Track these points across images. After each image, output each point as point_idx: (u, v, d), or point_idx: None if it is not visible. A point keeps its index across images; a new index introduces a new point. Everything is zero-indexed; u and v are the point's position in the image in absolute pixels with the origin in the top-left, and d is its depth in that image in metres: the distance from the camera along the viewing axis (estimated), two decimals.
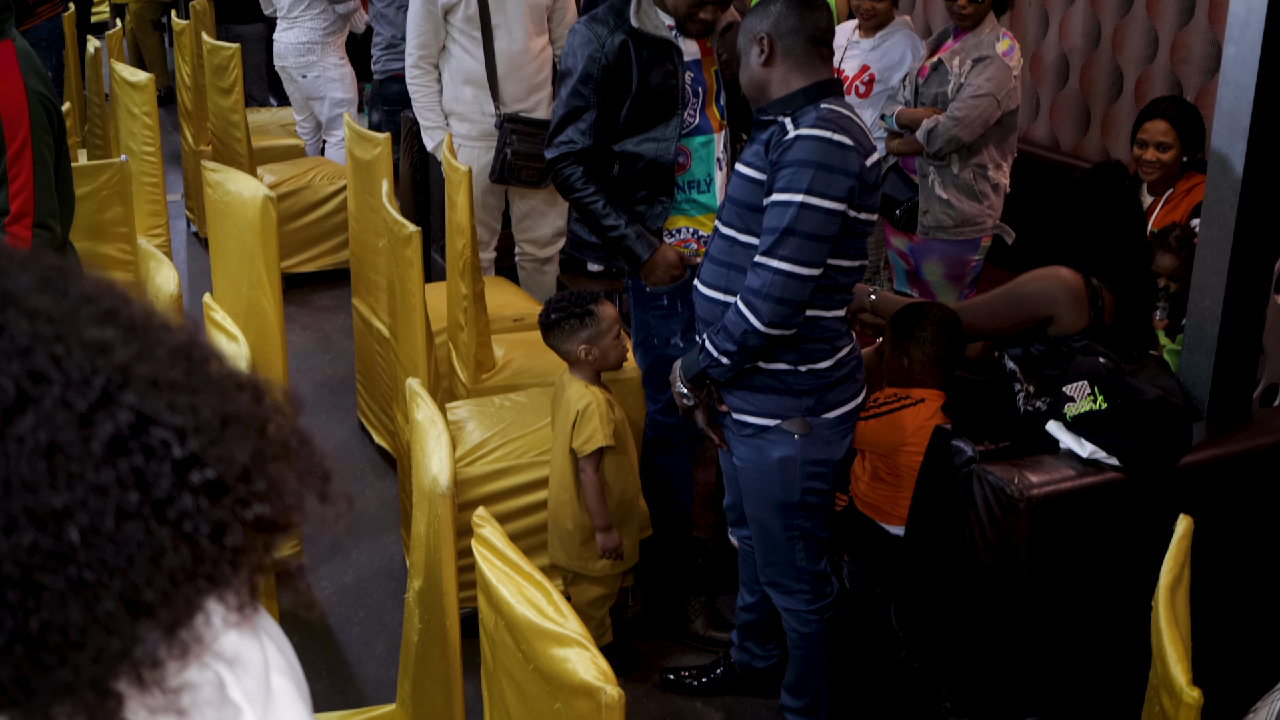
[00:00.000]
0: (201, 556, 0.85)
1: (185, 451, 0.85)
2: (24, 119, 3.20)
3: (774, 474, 3.04)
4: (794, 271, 2.80)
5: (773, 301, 2.82)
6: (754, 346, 2.89)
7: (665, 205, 3.59)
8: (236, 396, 0.91)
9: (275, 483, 0.89)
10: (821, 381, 2.97)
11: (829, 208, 2.78)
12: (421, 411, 2.46)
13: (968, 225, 4.73)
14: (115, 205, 4.56)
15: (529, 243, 5.41)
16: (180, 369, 0.88)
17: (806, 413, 2.98)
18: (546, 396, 3.97)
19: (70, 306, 0.86)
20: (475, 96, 5.20)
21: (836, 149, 2.79)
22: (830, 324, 2.96)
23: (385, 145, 4.48)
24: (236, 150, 6.69)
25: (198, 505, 0.84)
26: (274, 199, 3.84)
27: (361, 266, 4.85)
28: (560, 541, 3.55)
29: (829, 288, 2.90)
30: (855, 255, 2.93)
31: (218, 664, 0.89)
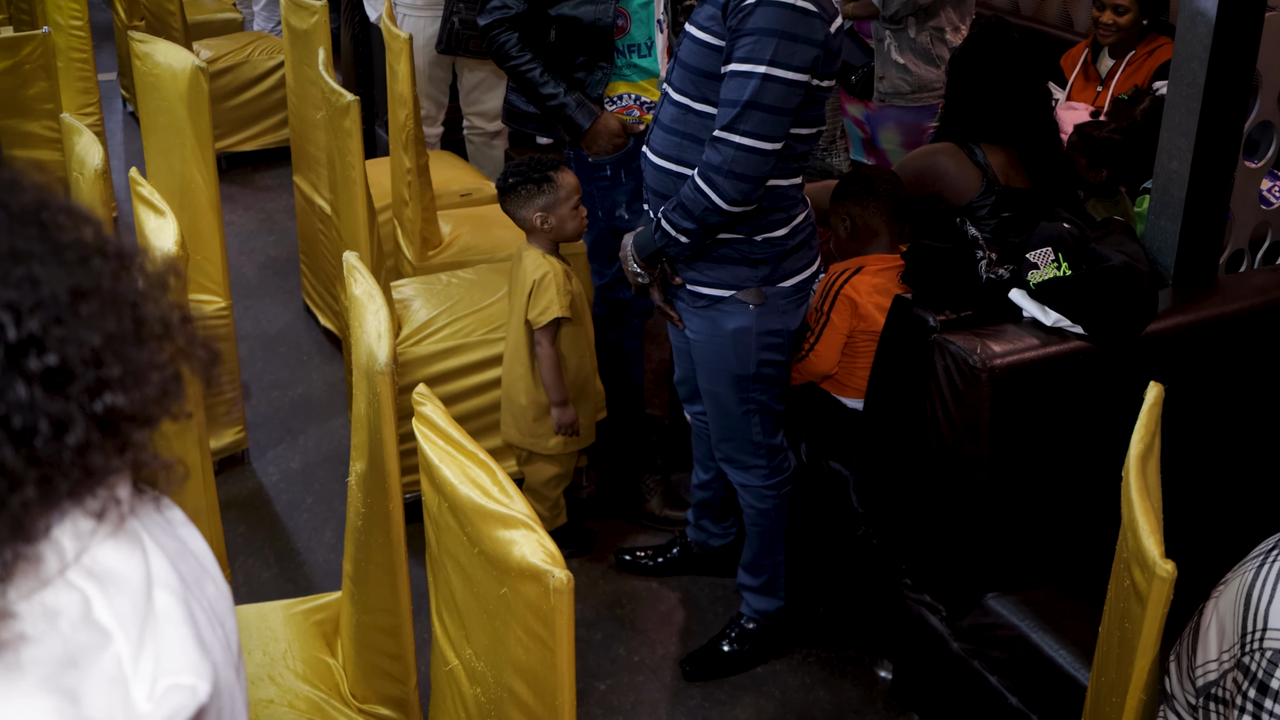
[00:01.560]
0: (38, 457, 0.72)
1: (22, 333, 0.72)
2: None
3: (729, 345, 2.95)
4: (757, 146, 2.68)
5: (734, 178, 2.70)
6: (715, 224, 2.79)
7: (605, 71, 3.44)
8: (97, 267, 0.77)
9: (135, 368, 0.77)
10: (777, 250, 2.88)
11: (792, 79, 2.65)
12: (359, 286, 2.34)
13: (925, 91, 4.60)
14: (39, 80, 4.36)
15: (477, 116, 5.25)
16: (27, 235, 0.75)
17: (762, 282, 2.90)
18: (495, 273, 3.85)
19: None
20: None
21: (800, 15, 2.64)
22: (787, 191, 2.86)
23: (322, 13, 4.29)
24: (170, 24, 6.43)
25: (32, 396, 0.72)
26: (205, 69, 3.67)
27: (301, 142, 4.68)
28: (513, 418, 3.45)
29: (787, 156, 2.79)
30: (813, 122, 2.82)
31: (85, 582, 0.77)
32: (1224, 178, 3.12)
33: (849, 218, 3.34)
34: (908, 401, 2.94)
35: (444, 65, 5.18)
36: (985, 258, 2.98)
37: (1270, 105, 3.22)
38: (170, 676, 0.77)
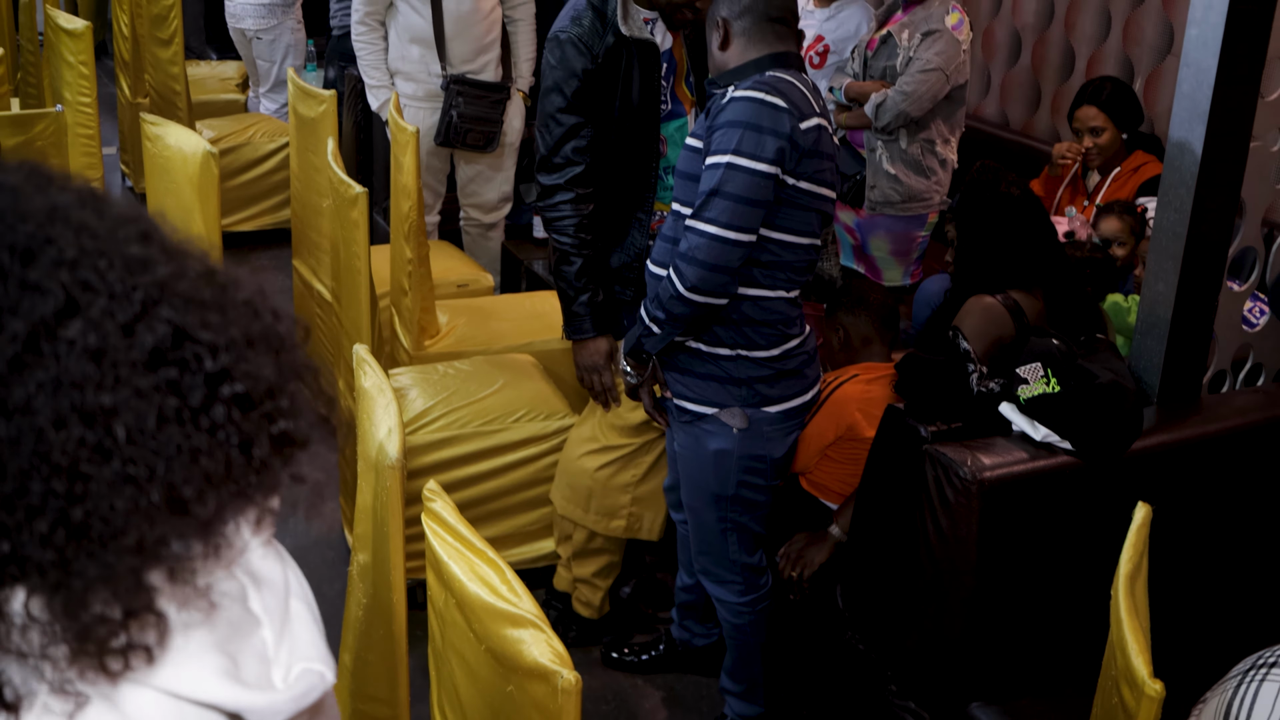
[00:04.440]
0: (233, 464, 0.89)
1: (217, 366, 0.88)
2: None
3: (709, 465, 2.98)
4: (720, 235, 2.71)
5: (697, 265, 2.73)
6: (680, 315, 2.81)
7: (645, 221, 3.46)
8: (258, 319, 0.94)
9: (295, 402, 0.93)
10: (763, 371, 2.90)
11: (756, 169, 2.69)
12: (369, 379, 2.40)
13: (915, 201, 4.70)
14: (50, 157, 4.42)
15: (474, 207, 5.33)
16: (209, 291, 0.92)
17: (745, 404, 2.92)
18: (492, 365, 3.91)
19: (110, 225, 0.90)
20: (422, 56, 5.11)
21: (768, 109, 2.70)
22: (775, 306, 2.88)
23: (330, 103, 4.38)
24: (175, 104, 6.53)
25: (229, 416, 0.88)
26: (215, 155, 3.75)
27: (303, 227, 4.75)
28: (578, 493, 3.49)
29: (772, 264, 2.83)
30: (802, 231, 2.84)
31: (244, 577, 0.93)
32: (1209, 300, 3.21)
33: (842, 327, 3.43)
34: (897, 509, 2.99)
35: (442, 156, 5.27)
36: (976, 371, 3.05)
37: (1253, 231, 3.32)
38: (303, 662, 0.93)
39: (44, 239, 0.85)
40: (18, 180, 0.90)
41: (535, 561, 3.77)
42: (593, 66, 3.28)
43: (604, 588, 3.63)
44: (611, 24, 3.31)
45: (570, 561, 3.61)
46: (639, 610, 3.79)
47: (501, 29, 5.22)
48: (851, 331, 3.44)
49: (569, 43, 3.29)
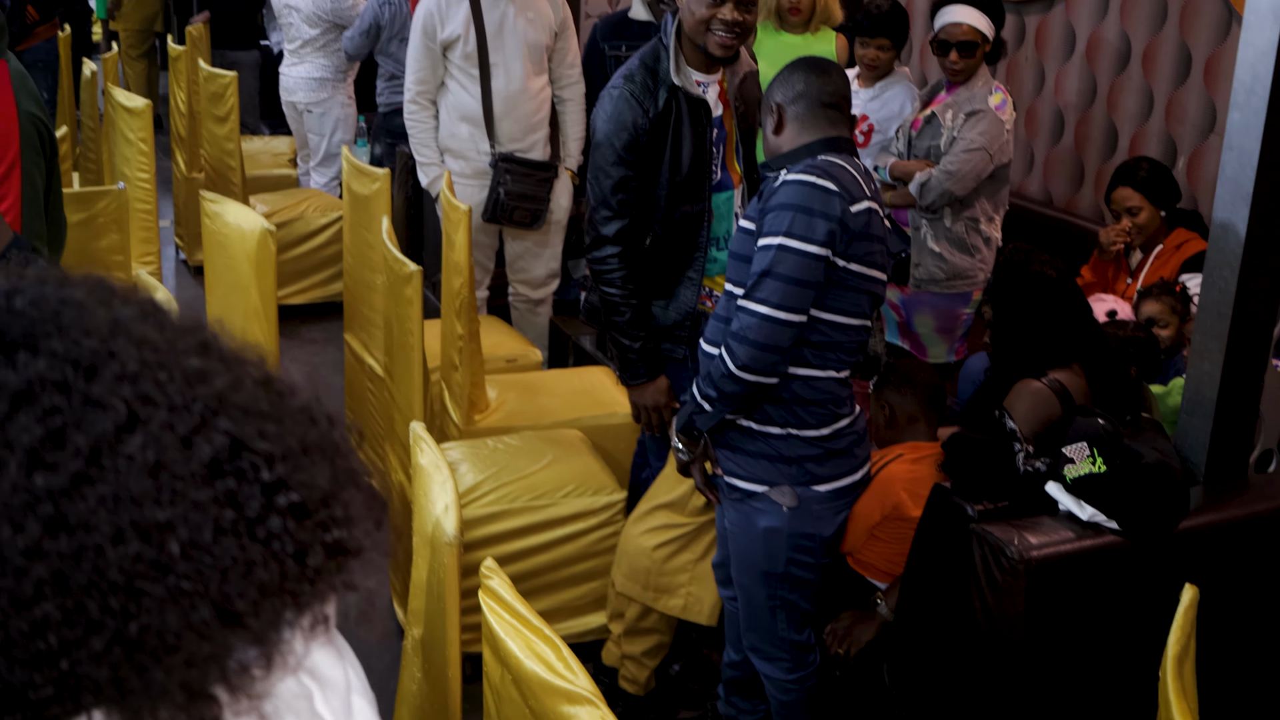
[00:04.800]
0: (287, 574, 0.90)
1: (273, 476, 0.89)
2: (14, 140, 3.21)
3: (759, 543, 3.01)
4: (770, 315, 2.77)
5: (747, 344, 2.79)
6: (731, 393, 2.86)
7: (695, 279, 3.55)
8: (314, 427, 0.96)
9: (349, 509, 0.94)
10: (814, 450, 2.94)
11: (807, 250, 2.76)
12: (425, 456, 2.45)
13: (959, 279, 4.75)
14: (112, 233, 4.55)
15: (522, 283, 5.41)
16: (266, 400, 0.93)
17: (796, 482, 2.95)
18: (541, 440, 3.96)
19: (171, 337, 0.91)
20: (471, 134, 5.21)
21: (819, 193, 2.77)
22: (826, 386, 2.92)
23: (384, 181, 4.47)
24: (230, 179, 6.67)
25: (284, 526, 0.89)
26: (273, 232, 3.83)
27: (355, 302, 4.84)
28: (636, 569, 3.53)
29: (822, 344, 2.88)
30: (852, 313, 2.89)
31: (309, 680, 0.95)
32: (1254, 379, 3.22)
33: (888, 405, 3.46)
34: (944, 588, 3.01)
35: (490, 233, 5.35)
36: (1023, 450, 3.07)
37: None
38: None
39: (107, 353, 0.87)
40: (83, 295, 0.91)
41: (583, 636, 3.79)
42: (644, 121, 3.40)
43: (651, 666, 3.65)
44: (664, 81, 3.44)
45: (620, 638, 3.64)
46: (686, 686, 3.80)
47: (550, 108, 5.32)
48: (897, 410, 3.48)
49: (621, 97, 3.42)
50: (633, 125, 3.40)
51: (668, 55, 3.47)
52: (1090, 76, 5.62)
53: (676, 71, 3.44)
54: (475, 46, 5.12)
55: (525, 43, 5.14)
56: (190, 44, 7.94)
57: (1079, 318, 3.39)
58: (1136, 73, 5.40)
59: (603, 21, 5.63)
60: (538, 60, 5.21)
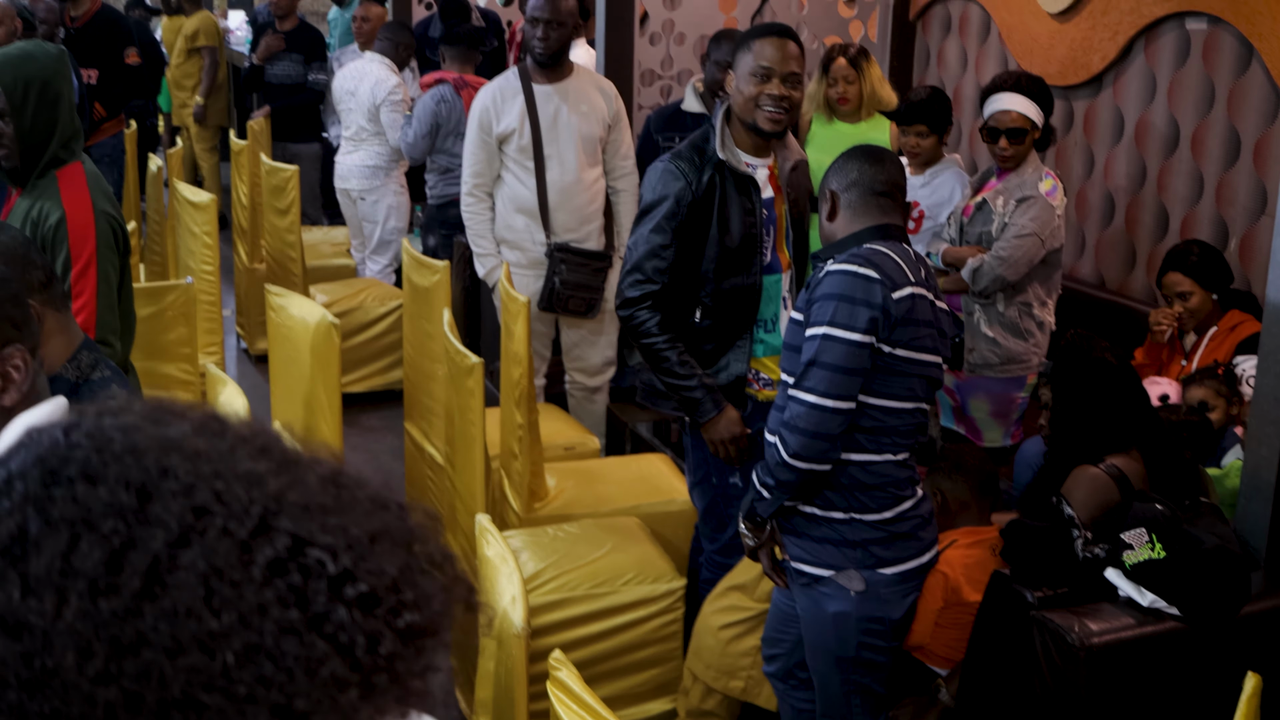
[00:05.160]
0: (359, 665, 0.89)
1: (339, 568, 0.89)
2: (90, 238, 3.33)
3: (830, 628, 3.03)
4: (818, 403, 2.83)
5: (798, 433, 2.85)
6: (786, 481, 2.91)
7: (745, 346, 3.62)
8: (382, 515, 0.96)
9: (423, 592, 0.94)
10: (877, 534, 2.97)
11: (850, 339, 2.82)
12: (491, 548, 2.50)
13: (1013, 363, 4.77)
14: (179, 326, 4.66)
15: (579, 371, 5.48)
16: (329, 494, 0.94)
17: (861, 566, 2.98)
18: (600, 529, 4.00)
19: (227, 446, 0.92)
20: (527, 225, 5.30)
21: (861, 281, 2.84)
22: (884, 470, 2.96)
23: (444, 273, 4.56)
24: (291, 269, 6.81)
25: (352, 617, 0.89)
26: (337, 325, 3.91)
27: (415, 391, 4.92)
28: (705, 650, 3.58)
29: (876, 429, 2.92)
30: (904, 397, 2.94)
31: None
32: None
33: (939, 492, 3.49)
34: (1005, 674, 3.01)
35: (547, 321, 5.43)
36: (1081, 536, 3.09)
37: None
38: None
39: (160, 471, 0.88)
40: (138, 420, 0.92)
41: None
42: (687, 194, 3.54)
43: None
44: (711, 159, 3.58)
45: (685, 718, 3.67)
46: None
47: (605, 198, 5.41)
48: (949, 496, 3.51)
49: (667, 170, 3.58)
50: (675, 196, 3.55)
51: (715, 134, 3.58)
52: (1139, 160, 5.67)
53: (723, 146, 3.57)
54: (530, 140, 5.23)
55: (579, 135, 5.24)
56: (252, 138, 8.14)
57: (1137, 403, 3.42)
58: (1186, 155, 5.44)
59: (656, 113, 5.74)
60: (592, 152, 5.31)
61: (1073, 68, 5.83)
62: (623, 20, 5.98)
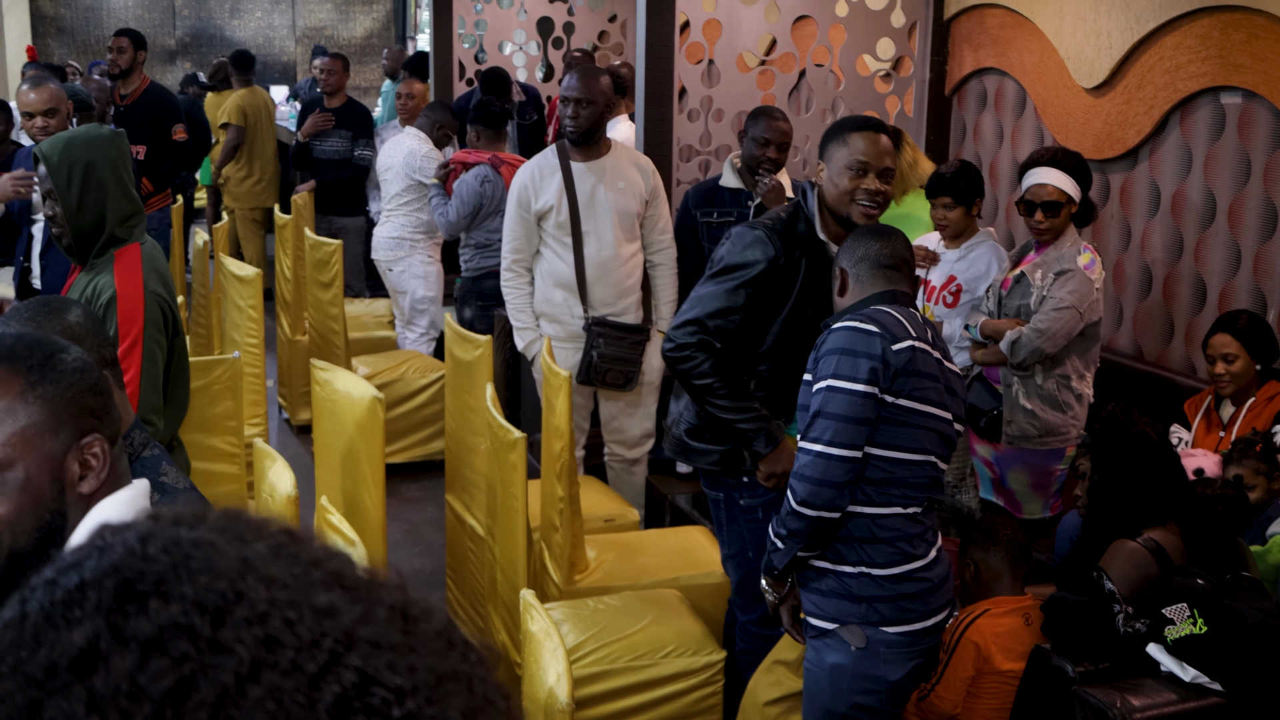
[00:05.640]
0: None
1: (404, 711, 0.87)
2: (139, 318, 3.41)
3: (825, 679, 3.08)
4: (824, 451, 2.93)
5: (806, 481, 2.94)
6: (796, 529, 2.99)
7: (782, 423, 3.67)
8: (448, 654, 0.94)
9: None
10: (882, 590, 3.00)
11: (853, 389, 2.92)
12: (536, 623, 2.53)
13: (1052, 435, 4.78)
14: (225, 399, 4.73)
15: (618, 443, 5.51)
16: (398, 628, 0.92)
17: (864, 622, 3.01)
18: (640, 601, 4.02)
19: (301, 571, 0.90)
20: (565, 299, 5.37)
21: (861, 335, 2.96)
22: (893, 524, 3.00)
23: (486, 348, 4.62)
24: (333, 342, 6.89)
25: None
26: (382, 400, 3.97)
27: (457, 463, 4.97)
28: None
29: (884, 481, 2.98)
30: (911, 448, 2.99)
31: None
32: None
33: (973, 563, 3.51)
34: None
35: (585, 393, 5.48)
36: (1122, 611, 3.09)
37: None
38: None
39: (235, 595, 0.86)
40: (215, 535, 0.91)
41: None
42: (773, 268, 3.55)
43: None
44: (798, 238, 3.58)
45: None
46: None
47: (643, 273, 5.48)
48: (982, 567, 3.53)
49: (759, 238, 3.59)
50: (763, 264, 3.55)
51: (814, 217, 3.60)
52: (1176, 232, 5.69)
53: (821, 226, 3.58)
54: (568, 216, 5.31)
55: (616, 211, 5.32)
56: (296, 212, 8.27)
57: (1175, 477, 3.43)
58: (1223, 228, 5.46)
59: (694, 189, 5.82)
60: (629, 227, 5.38)
61: (1108, 141, 5.88)
62: (662, 97, 6.07)
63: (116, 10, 17.69)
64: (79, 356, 1.84)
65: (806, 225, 3.59)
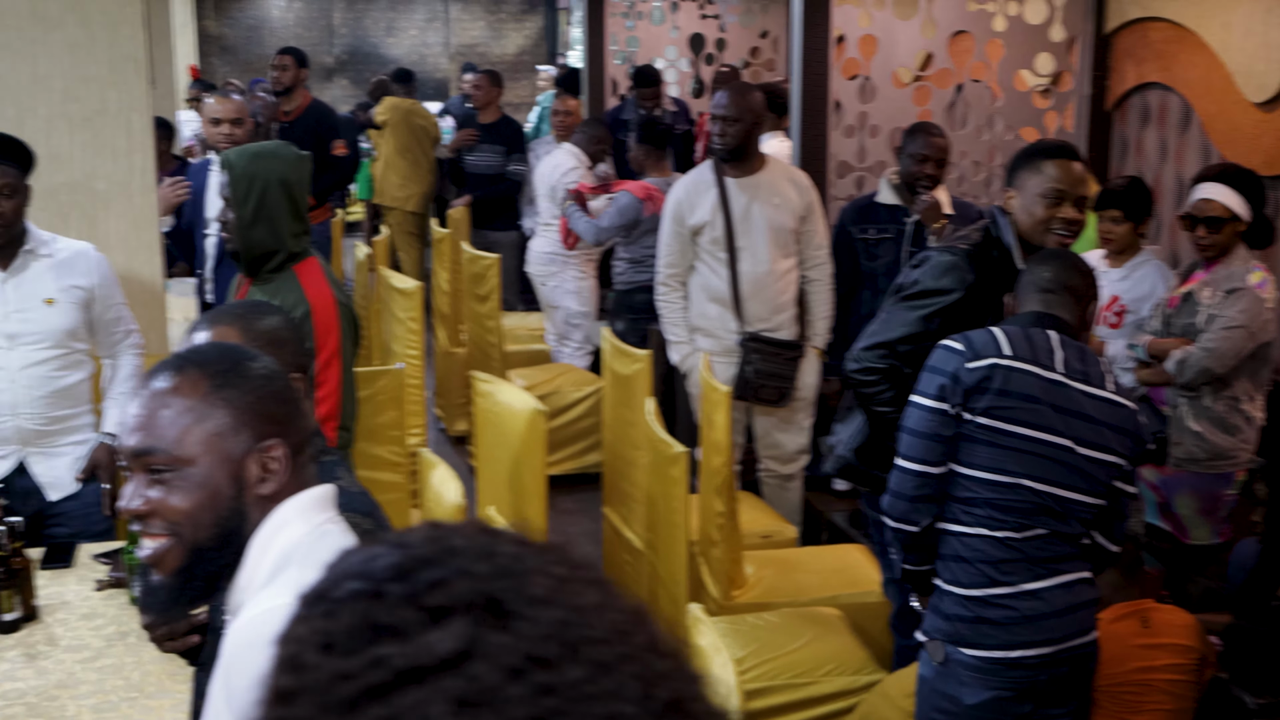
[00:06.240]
0: None
1: None
2: (335, 330, 3.49)
3: (918, 689, 3.10)
4: (899, 464, 2.97)
5: (892, 495, 3.00)
6: (890, 542, 3.07)
7: None
8: None
9: None
10: (964, 611, 2.96)
11: (923, 404, 2.95)
12: (705, 638, 2.56)
13: (1221, 458, 4.66)
14: (389, 410, 4.84)
15: (772, 458, 5.52)
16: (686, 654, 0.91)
17: (947, 639, 2.98)
18: (799, 618, 4.03)
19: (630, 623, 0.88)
20: (720, 314, 5.40)
21: (943, 351, 2.97)
22: (978, 545, 2.94)
23: (646, 362, 4.66)
24: (490, 354, 7.00)
25: None
26: (544, 413, 4.03)
27: (614, 477, 5.02)
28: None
29: (969, 500, 2.94)
30: (997, 469, 2.91)
31: None
32: None
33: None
34: None
35: (739, 408, 5.48)
36: None
37: None
38: None
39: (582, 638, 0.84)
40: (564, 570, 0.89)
41: None
42: (966, 292, 3.52)
43: None
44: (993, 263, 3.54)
45: None
46: None
47: (798, 288, 5.47)
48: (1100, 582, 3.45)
49: (954, 265, 3.55)
50: (958, 289, 3.52)
51: (998, 243, 3.56)
52: None
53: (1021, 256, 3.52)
54: (723, 232, 5.34)
55: (771, 227, 5.33)
56: (452, 226, 8.43)
57: None
58: None
59: (850, 205, 5.80)
60: (784, 243, 5.38)
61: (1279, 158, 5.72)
62: (817, 114, 6.07)
63: (277, 29, 18.24)
64: (266, 365, 1.92)
65: (1000, 252, 3.55)
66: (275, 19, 18.53)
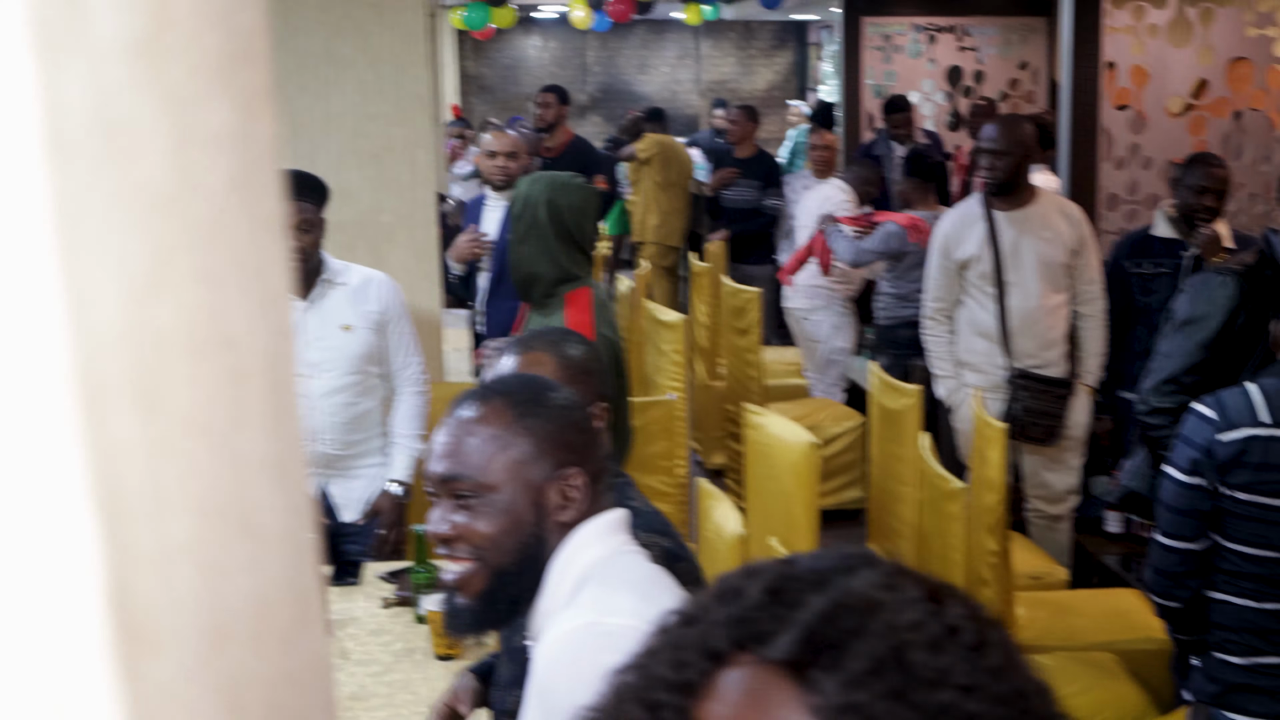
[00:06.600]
0: None
1: None
2: None
3: None
4: (1157, 539, 2.87)
5: (1151, 569, 2.90)
6: (1162, 617, 2.98)
7: None
8: None
9: None
10: (1229, 677, 2.86)
11: (1177, 478, 2.80)
12: None
13: None
14: (660, 440, 4.94)
15: (1040, 498, 5.42)
16: None
17: (1212, 701, 2.88)
18: (1075, 662, 3.94)
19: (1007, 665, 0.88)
20: (987, 349, 5.33)
21: (1195, 419, 2.81)
22: (1245, 615, 2.83)
23: (916, 397, 4.65)
24: (750, 388, 7.06)
25: None
26: (818, 446, 4.05)
27: (881, 512, 5.01)
28: None
29: (1233, 573, 2.82)
30: (1259, 543, 2.78)
31: None
32: None
33: None
34: None
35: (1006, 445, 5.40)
36: None
37: None
38: None
39: None
40: None
41: None
42: (1231, 312, 3.47)
43: None
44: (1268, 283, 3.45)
45: None
46: None
47: (1069, 324, 5.36)
48: None
49: (1218, 284, 3.51)
50: (1218, 311, 3.46)
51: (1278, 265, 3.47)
52: None
53: None
54: (991, 266, 5.28)
55: (1041, 261, 5.24)
56: (711, 260, 8.55)
57: None
58: None
59: (1124, 239, 5.67)
60: (1054, 278, 5.29)
61: None
62: (1086, 145, 5.97)
63: (533, 69, 18.82)
64: (567, 396, 2.00)
65: (1275, 272, 3.44)
66: (531, 59, 19.12)
